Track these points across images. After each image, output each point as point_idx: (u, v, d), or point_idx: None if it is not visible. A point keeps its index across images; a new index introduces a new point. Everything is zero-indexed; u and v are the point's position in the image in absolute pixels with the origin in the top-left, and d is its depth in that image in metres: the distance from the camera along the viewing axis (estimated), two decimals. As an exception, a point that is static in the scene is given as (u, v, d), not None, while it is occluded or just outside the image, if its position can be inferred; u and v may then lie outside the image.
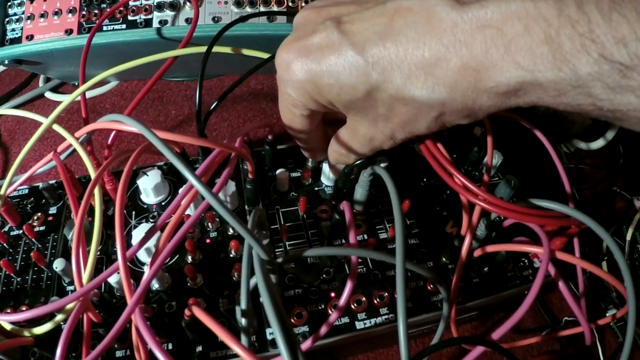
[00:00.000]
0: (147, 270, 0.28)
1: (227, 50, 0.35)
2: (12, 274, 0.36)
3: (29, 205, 0.39)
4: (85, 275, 0.29)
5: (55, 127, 0.34)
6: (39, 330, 0.30)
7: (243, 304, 0.25)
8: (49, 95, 0.55)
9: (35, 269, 0.36)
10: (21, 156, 0.35)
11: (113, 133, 0.35)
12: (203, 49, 0.34)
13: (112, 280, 0.32)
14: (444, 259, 0.35)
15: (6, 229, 0.38)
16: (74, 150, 0.48)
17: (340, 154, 0.32)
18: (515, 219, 0.32)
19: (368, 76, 0.23)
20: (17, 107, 0.54)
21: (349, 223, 0.30)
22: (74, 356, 0.31)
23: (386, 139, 0.29)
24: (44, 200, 0.40)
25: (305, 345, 0.29)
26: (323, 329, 0.28)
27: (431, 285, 0.34)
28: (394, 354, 0.38)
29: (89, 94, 0.54)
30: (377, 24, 0.23)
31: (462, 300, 0.34)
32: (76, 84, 0.55)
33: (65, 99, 0.35)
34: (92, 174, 0.32)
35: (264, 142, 0.37)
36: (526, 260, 0.37)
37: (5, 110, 0.38)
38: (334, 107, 0.27)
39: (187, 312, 0.27)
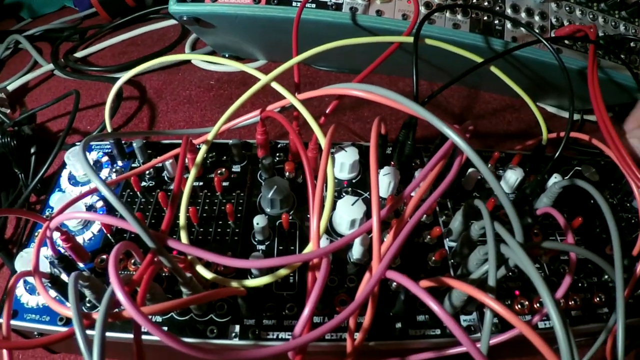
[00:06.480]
0: (389, 237, 0.29)
1: (440, 44, 0.37)
2: (194, 224, 0.36)
3: (209, 160, 0.40)
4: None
5: (274, 84, 0.35)
6: (254, 283, 0.30)
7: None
8: (196, 62, 0.56)
9: (220, 222, 0.36)
10: (235, 106, 0.36)
11: (333, 103, 0.36)
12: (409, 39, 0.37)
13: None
14: (606, 277, 0.37)
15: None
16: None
17: None
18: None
19: None
20: (163, 68, 0.55)
21: (564, 226, 0.32)
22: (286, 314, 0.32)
23: None
24: (225, 157, 0.40)
25: (502, 337, 0.30)
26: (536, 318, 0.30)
27: (597, 298, 0.36)
28: (538, 361, 0.39)
29: (234, 68, 0.55)
30: None
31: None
32: (226, 55, 0.56)
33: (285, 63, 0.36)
34: (321, 137, 0.33)
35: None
36: (673, 289, 0.39)
37: (230, 63, 0.38)
38: None
39: (425, 282, 0.29)
